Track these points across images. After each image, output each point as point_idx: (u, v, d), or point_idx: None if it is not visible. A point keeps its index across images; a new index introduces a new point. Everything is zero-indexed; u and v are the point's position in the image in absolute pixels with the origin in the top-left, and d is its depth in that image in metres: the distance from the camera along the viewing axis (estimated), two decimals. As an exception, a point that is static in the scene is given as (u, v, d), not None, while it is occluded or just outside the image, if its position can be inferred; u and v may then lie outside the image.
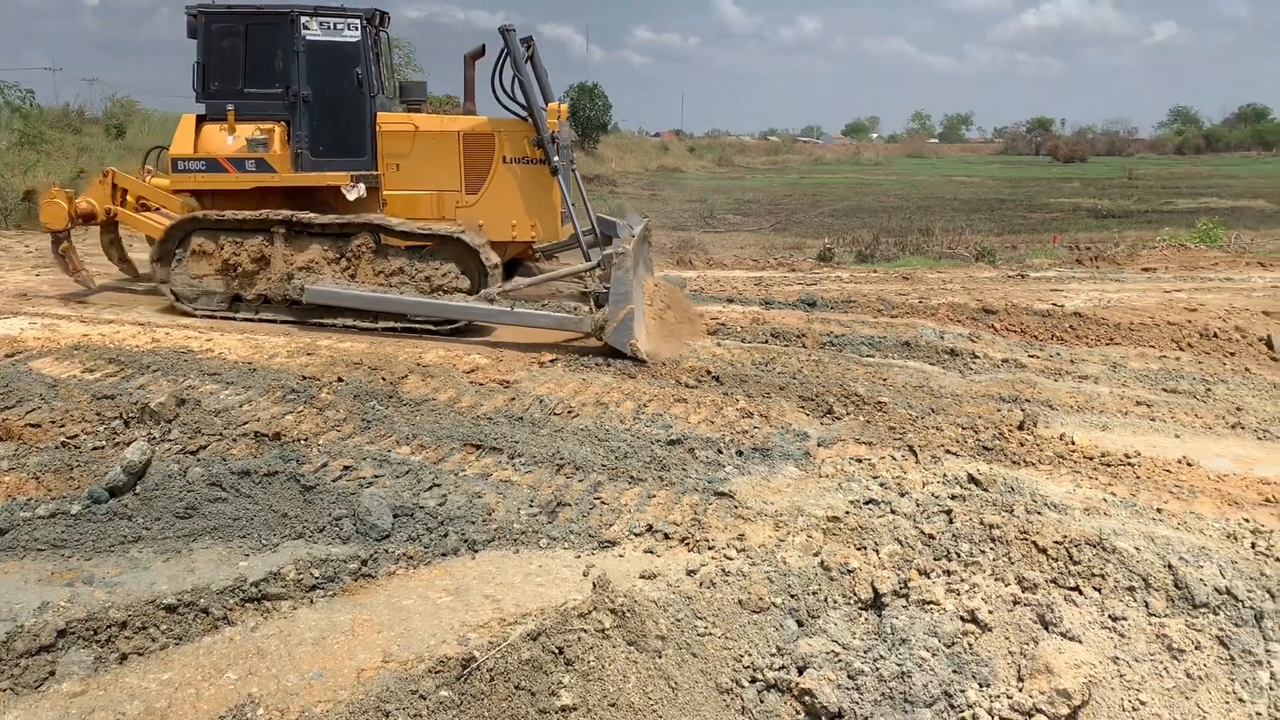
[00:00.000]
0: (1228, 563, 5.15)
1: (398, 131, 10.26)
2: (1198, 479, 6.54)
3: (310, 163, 10.11)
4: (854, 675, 4.13)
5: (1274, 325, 11.19)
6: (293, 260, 9.73)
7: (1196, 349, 10.58)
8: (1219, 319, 11.29)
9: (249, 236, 9.84)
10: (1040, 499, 5.90)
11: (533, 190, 10.19)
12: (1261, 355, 10.54)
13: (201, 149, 10.11)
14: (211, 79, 10.22)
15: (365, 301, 9.56)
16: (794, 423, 7.45)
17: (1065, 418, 7.94)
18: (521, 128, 10.10)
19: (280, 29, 9.97)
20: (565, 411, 7.39)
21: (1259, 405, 8.65)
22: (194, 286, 10.12)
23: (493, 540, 5.46)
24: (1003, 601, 4.48)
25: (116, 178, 11.25)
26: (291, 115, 10.06)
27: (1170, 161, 78.39)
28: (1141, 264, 16.79)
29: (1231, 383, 9.37)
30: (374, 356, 8.43)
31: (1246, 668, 4.44)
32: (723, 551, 5.27)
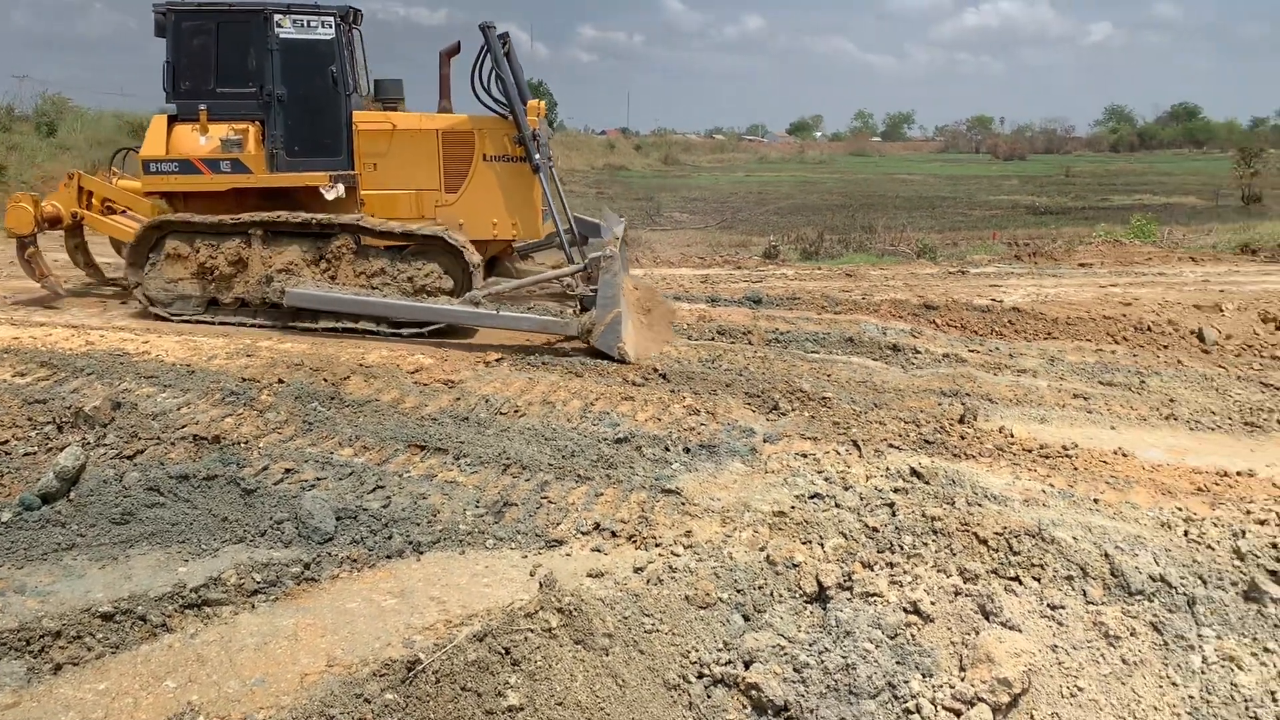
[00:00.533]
0: (1162, 551, 5.28)
1: (375, 130, 10.07)
2: (1133, 469, 6.69)
3: (286, 163, 9.85)
4: (800, 668, 4.16)
5: (1205, 318, 11.49)
6: (271, 262, 9.48)
7: (1131, 342, 10.83)
8: (1152, 313, 11.55)
9: (225, 239, 9.57)
10: (981, 491, 5.99)
11: (513, 189, 10.05)
12: (1193, 348, 10.82)
13: (173, 150, 9.81)
14: (182, 78, 9.92)
15: (347, 304, 9.33)
16: (740, 419, 7.49)
17: (1005, 411, 8.08)
18: (501, 125, 9.98)
19: (253, 27, 9.71)
20: (511, 411, 7.36)
21: (1191, 397, 8.88)
22: (169, 291, 9.81)
23: (438, 541, 5.41)
24: (945, 592, 4.55)
25: (82, 180, 10.91)
26: (266, 115, 9.81)
27: (1106, 159, 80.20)
28: (1078, 260, 17.14)
29: (1165, 375, 9.61)
30: (316, 358, 8.31)
31: (1180, 652, 4.55)
32: (670, 548, 5.28)
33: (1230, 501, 6.13)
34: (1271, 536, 5.41)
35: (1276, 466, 6.98)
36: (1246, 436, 7.96)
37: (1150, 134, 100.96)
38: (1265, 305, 11.78)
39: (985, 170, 64.62)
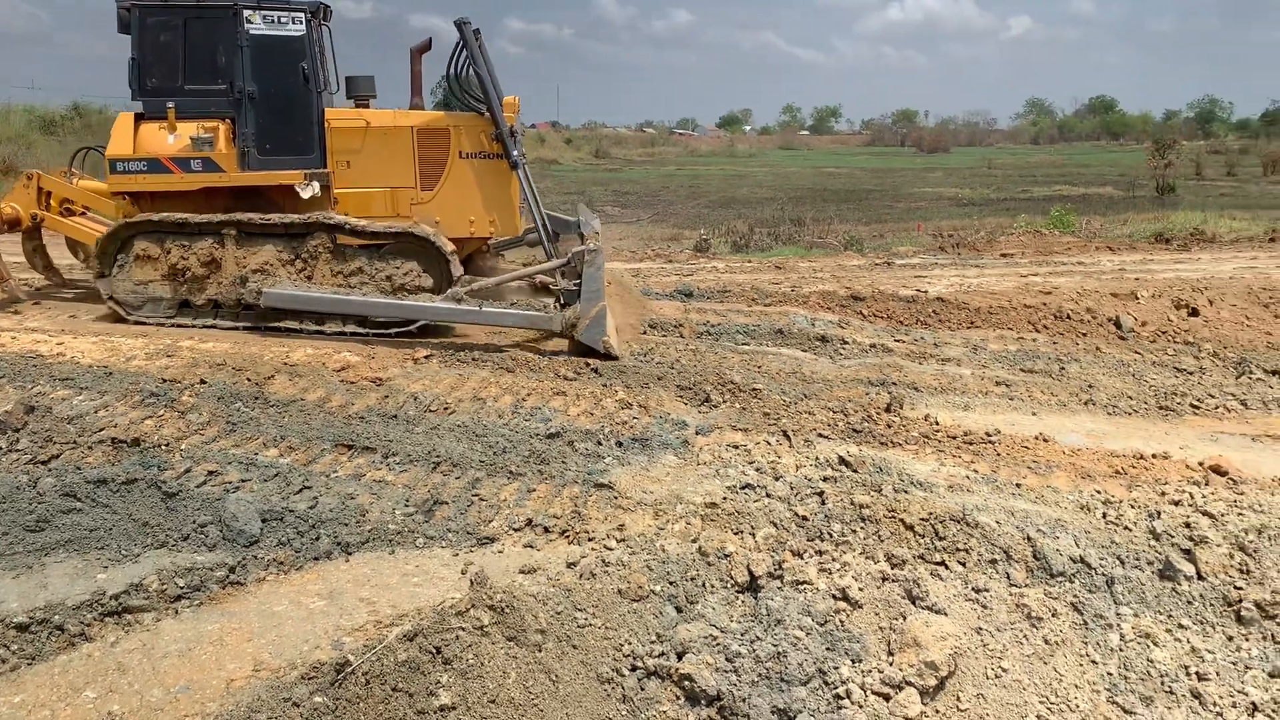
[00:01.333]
0: (1082, 533, 5.43)
1: (348, 128, 9.92)
2: (1054, 454, 6.87)
3: (258, 161, 9.64)
4: (732, 658, 4.19)
5: (1121, 306, 11.83)
6: (245, 263, 9.26)
7: (1051, 330, 11.11)
8: (1071, 301, 11.86)
9: (197, 239, 9.33)
10: (907, 478, 6.10)
11: (490, 185, 9.98)
12: (1110, 335, 11.13)
13: (141, 149, 9.46)
14: (148, 75, 9.64)
15: (327, 304, 9.16)
16: (672, 412, 7.52)
17: (930, 399, 8.23)
18: (477, 122, 9.89)
19: (223, 23, 9.49)
20: (441, 408, 7.29)
21: (1109, 382, 9.14)
22: (138, 293, 9.55)
23: (367, 542, 5.34)
24: (872, 579, 4.62)
25: (42, 181, 10.56)
26: (237, 112, 9.58)
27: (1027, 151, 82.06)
28: (1000, 250, 17.53)
29: (1084, 361, 9.87)
30: (238, 357, 8.15)
31: (1099, 631, 4.69)
32: (603, 542, 5.29)
33: (1146, 483, 6.33)
34: (1185, 516, 5.60)
35: (1190, 448, 7.22)
36: (1161, 420, 8.22)
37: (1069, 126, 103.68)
38: (1178, 292, 12.17)
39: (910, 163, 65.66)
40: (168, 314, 9.53)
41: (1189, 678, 4.49)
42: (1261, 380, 9.75)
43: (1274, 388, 9.56)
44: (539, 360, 8.52)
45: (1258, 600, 4.97)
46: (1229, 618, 4.95)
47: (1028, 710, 4.13)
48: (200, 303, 9.50)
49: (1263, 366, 10.07)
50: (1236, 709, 4.33)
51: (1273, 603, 4.96)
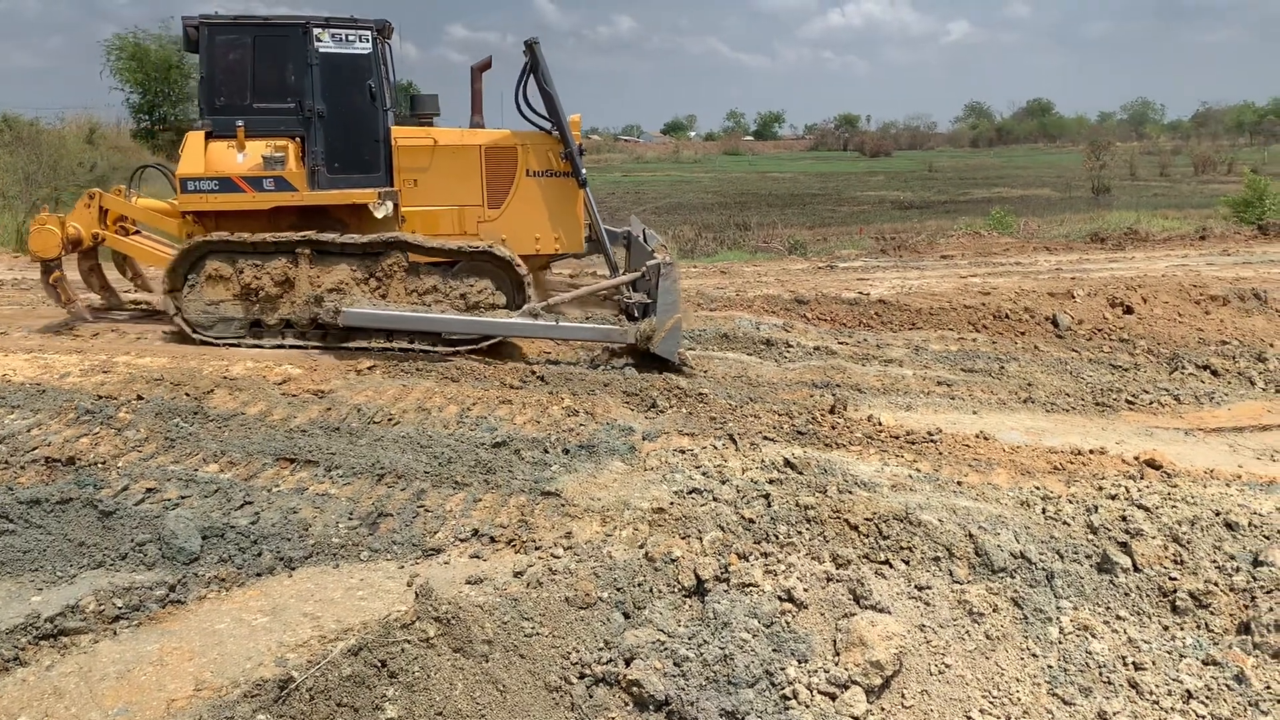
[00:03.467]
0: (1022, 529, 5.53)
1: (416, 146, 9.81)
2: (994, 452, 6.99)
3: (327, 180, 9.51)
4: (679, 662, 4.21)
5: (1059, 305, 12.08)
6: (319, 282, 9.13)
7: (990, 330, 11.31)
8: (1010, 301, 12.08)
9: (270, 258, 9.18)
10: (851, 478, 6.17)
11: (556, 203, 9.97)
12: (1048, 334, 11.36)
13: (211, 168, 9.28)
14: (217, 94, 9.52)
15: (406, 322, 9.06)
16: (619, 418, 7.52)
17: (873, 400, 8.33)
18: (544, 140, 9.88)
19: (292, 41, 9.38)
20: (385, 419, 7.22)
21: (1047, 380, 9.32)
22: (210, 314, 9.32)
23: (311, 556, 5.28)
24: (817, 579, 4.67)
25: (103, 200, 10.23)
26: (306, 131, 9.46)
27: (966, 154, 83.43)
28: (940, 252, 17.81)
29: (1022, 360, 10.07)
30: (176, 372, 7.99)
31: (1039, 625, 4.78)
32: (550, 551, 5.27)
33: (1084, 479, 6.46)
34: (1121, 510, 5.73)
35: (1126, 443, 7.40)
36: (1098, 416, 8.41)
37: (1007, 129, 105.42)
38: (1113, 291, 12.45)
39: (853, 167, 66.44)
40: (239, 334, 9.36)
41: (1126, 668, 4.59)
42: (1194, 375, 10.02)
43: (1205, 382, 9.83)
44: (484, 369, 8.48)
45: (1191, 590, 5.10)
46: (1164, 608, 5.08)
47: (971, 705, 4.20)
48: (272, 322, 9.37)
49: (1194, 362, 10.34)
50: (1172, 697, 4.44)
51: (1206, 592, 5.10)
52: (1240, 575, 5.20)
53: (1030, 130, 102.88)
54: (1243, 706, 4.38)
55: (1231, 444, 7.64)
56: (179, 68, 26.98)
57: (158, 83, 26.71)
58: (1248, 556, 5.33)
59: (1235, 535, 5.51)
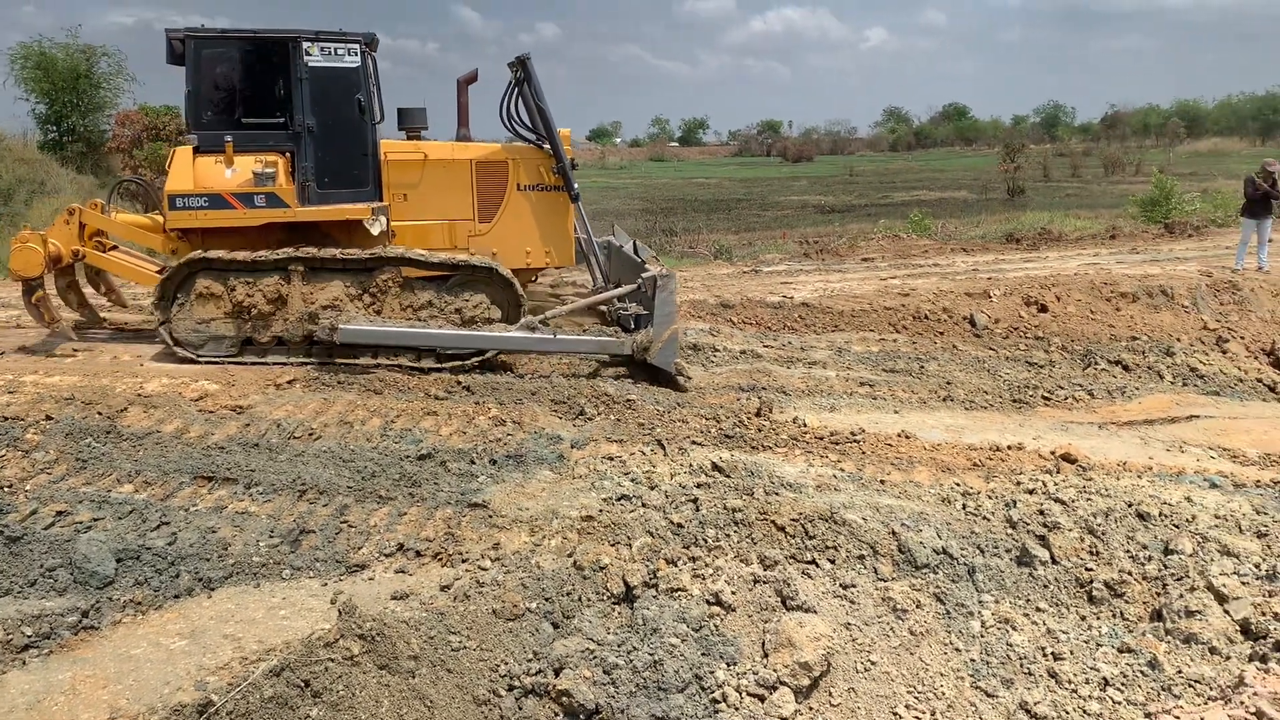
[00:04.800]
0: (943, 525, 5.64)
1: (406, 160, 9.72)
2: (915, 450, 7.11)
3: (317, 195, 9.30)
4: (609, 670, 4.20)
5: (976, 305, 12.35)
6: (313, 299, 8.93)
7: (910, 330, 11.51)
8: (929, 302, 12.32)
9: (263, 276, 8.96)
10: (778, 480, 6.22)
11: (546, 217, 9.94)
12: (966, 333, 11.61)
13: (200, 184, 9.04)
14: (204, 109, 9.26)
15: (404, 338, 8.87)
16: (547, 426, 7.48)
17: (798, 402, 8.42)
18: (535, 155, 9.82)
19: (281, 56, 9.18)
20: (306, 434, 7.08)
21: (965, 378, 9.52)
22: (200, 332, 9.08)
23: (230, 576, 5.16)
24: (744, 581, 4.69)
25: (84, 216, 9.89)
26: (296, 146, 9.24)
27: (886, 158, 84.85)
28: (861, 255, 18.08)
29: (941, 359, 10.27)
30: (87, 390, 7.75)
31: (961, 619, 4.87)
32: (477, 563, 5.23)
33: (1002, 474, 6.61)
34: (1039, 504, 5.87)
35: (1042, 438, 7.58)
36: (1015, 412, 8.61)
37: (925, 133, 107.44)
38: (1028, 290, 12.77)
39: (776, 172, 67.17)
40: (230, 352, 9.11)
41: (1046, 658, 4.70)
42: (1106, 370, 10.33)
43: (1117, 377, 10.13)
44: (408, 380, 8.37)
45: (1107, 580, 5.24)
46: (1081, 598, 5.21)
47: (896, 701, 4.26)
48: (264, 340, 9.14)
49: (1106, 357, 10.66)
50: (1089, 685, 4.55)
51: (1120, 581, 5.25)
52: (1152, 564, 5.36)
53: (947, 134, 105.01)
54: (1156, 691, 4.51)
55: (1143, 436, 7.88)
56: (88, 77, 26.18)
57: (65, 93, 25.85)
58: (1159, 545, 5.50)
59: (1147, 525, 5.69)
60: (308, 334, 8.90)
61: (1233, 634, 4.95)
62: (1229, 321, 12.66)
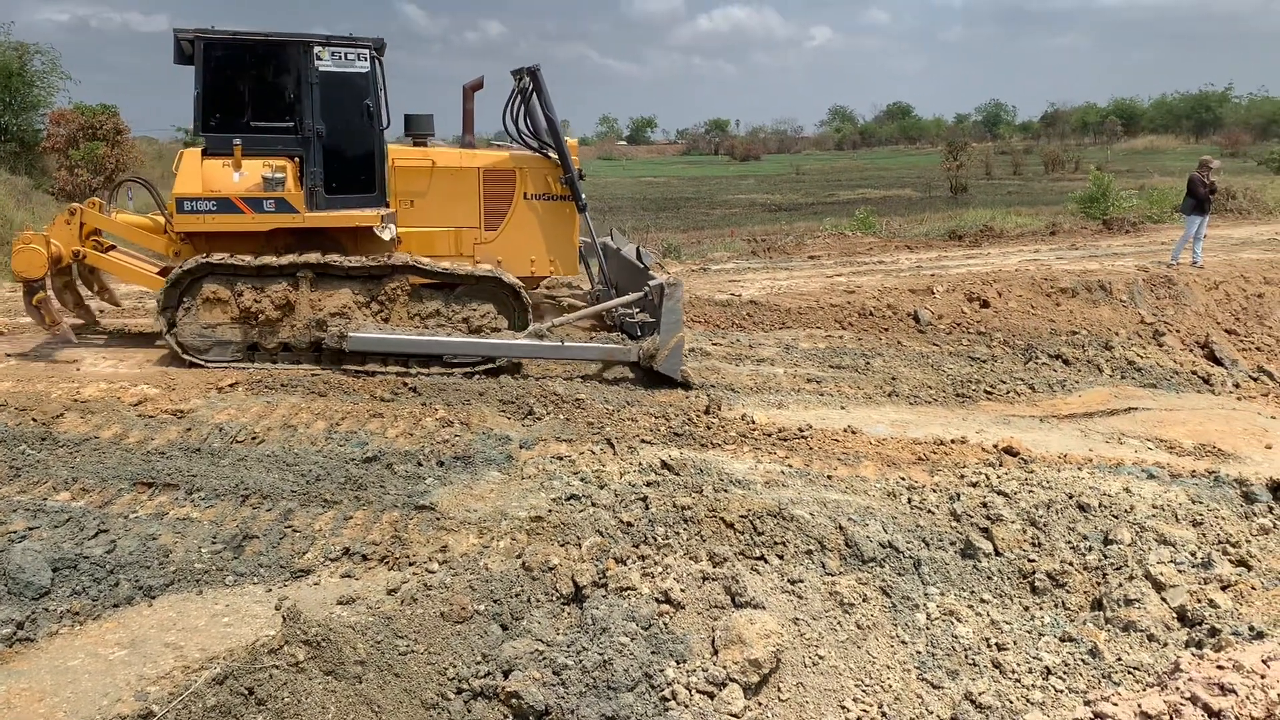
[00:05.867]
0: (889, 519, 5.70)
1: (413, 167, 9.60)
2: (862, 445, 7.18)
3: (324, 201, 9.15)
4: (559, 671, 4.18)
5: (919, 301, 12.50)
6: (321, 306, 8.86)
7: (856, 327, 11.62)
8: (874, 299, 12.44)
9: (270, 282, 8.83)
10: (727, 477, 6.26)
11: (552, 227, 9.89)
12: (910, 329, 11.75)
13: (208, 187, 8.86)
14: (213, 111, 9.07)
15: (414, 345, 8.86)
16: (495, 427, 7.45)
17: (746, 399, 8.47)
18: (542, 164, 9.76)
19: (292, 59, 9.02)
20: (249, 438, 6.97)
21: (910, 374, 9.64)
22: (205, 337, 8.93)
23: (172, 584, 5.06)
24: (693, 579, 4.70)
25: (85, 216, 9.65)
26: (304, 151, 9.08)
27: (832, 157, 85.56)
28: (808, 252, 18.20)
29: (886, 355, 10.38)
30: (21, 396, 7.55)
31: (907, 612, 4.93)
32: (424, 566, 5.19)
33: (946, 468, 6.71)
34: (982, 497, 5.97)
35: (985, 432, 7.70)
36: (959, 407, 8.74)
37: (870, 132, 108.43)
38: (970, 286, 12.96)
39: (724, 171, 67.40)
40: (235, 357, 8.98)
41: (990, 649, 4.78)
42: (1046, 364, 10.52)
43: (1058, 371, 10.33)
44: (353, 383, 8.28)
45: (1049, 570, 5.34)
46: (1024, 589, 5.31)
47: (844, 694, 4.30)
48: (270, 346, 9.00)
49: (1046, 351, 10.86)
50: (1032, 674, 4.63)
51: (1062, 572, 5.35)
52: (1093, 554, 5.48)
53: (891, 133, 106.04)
54: (1097, 679, 4.61)
55: (1083, 429, 8.03)
56: (20, 75, 25.48)
57: (-3, 91, 25.18)
58: (1099, 536, 5.62)
59: (1087, 516, 5.81)
60: (315, 340, 8.87)
61: (1170, 621, 5.07)
62: (1165, 316, 12.95)
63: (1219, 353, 12.21)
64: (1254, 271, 14.66)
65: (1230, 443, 7.69)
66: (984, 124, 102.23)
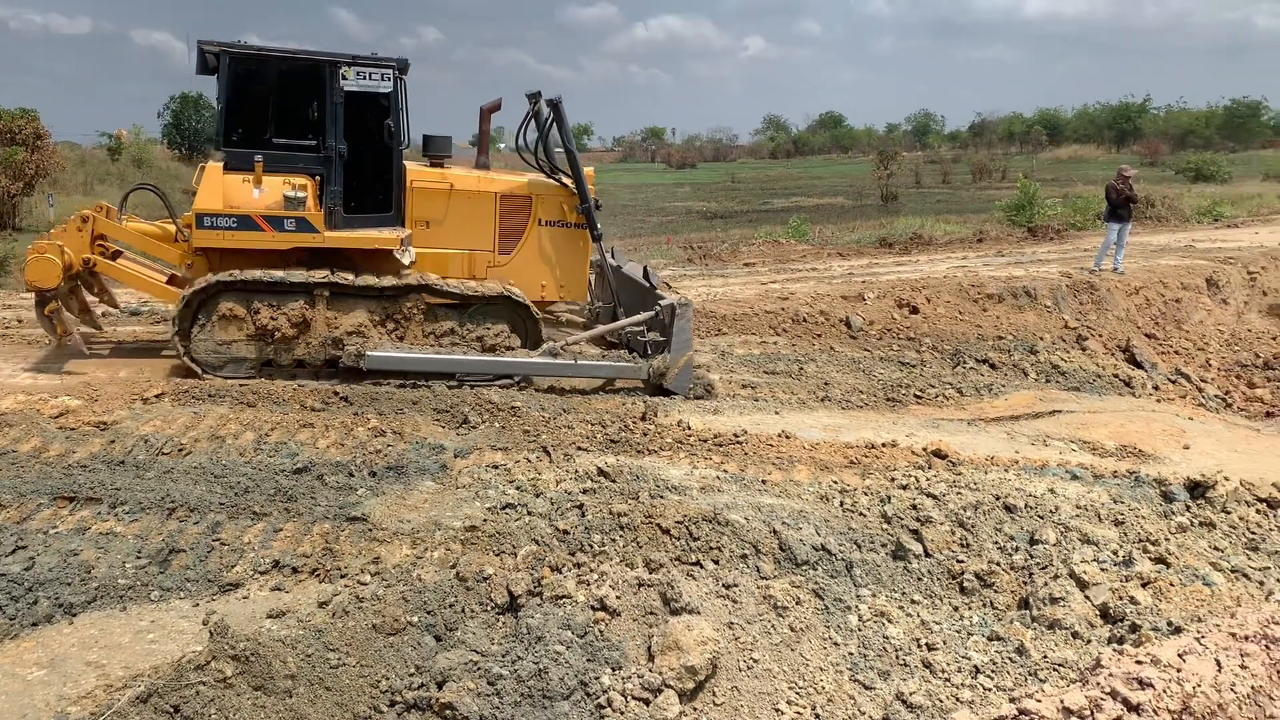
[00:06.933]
0: (822, 522, 5.77)
1: (432, 189, 9.55)
2: (795, 449, 7.26)
3: (343, 220, 9.05)
4: (493, 681, 4.16)
5: (851, 308, 12.68)
6: (337, 324, 8.80)
7: (790, 333, 11.75)
8: (807, 305, 12.59)
9: (287, 299, 8.72)
10: (663, 483, 6.28)
11: (564, 252, 9.90)
12: (842, 334, 11.91)
13: (228, 203, 8.69)
14: (235, 127, 8.97)
15: (430, 364, 8.83)
16: (429, 436, 7.37)
17: (682, 405, 8.51)
18: (559, 192, 9.76)
19: (318, 78, 8.93)
20: (176, 450, 6.81)
21: (842, 379, 9.77)
22: (220, 354, 8.79)
23: (94, 601, 4.93)
24: (629, 585, 4.71)
25: (98, 224, 9.34)
26: (326, 169, 8.97)
27: (766, 165, 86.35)
28: (743, 260, 18.38)
29: (819, 360, 10.51)
30: (-65, 409, 7.30)
31: (839, 614, 4.99)
32: (357, 578, 5.12)
33: (878, 471, 6.80)
34: (912, 499, 6.07)
35: (915, 435, 7.83)
36: (889, 411, 8.88)
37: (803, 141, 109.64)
38: (900, 292, 13.18)
39: (661, 178, 67.73)
40: (250, 374, 8.82)
41: (920, 649, 4.86)
42: (974, 369, 10.74)
43: (985, 375, 10.55)
44: (282, 392, 8.13)
45: (977, 571, 5.45)
46: (954, 589, 5.41)
47: (778, 697, 4.34)
48: (285, 362, 8.89)
49: (974, 356, 11.09)
50: (962, 673, 4.72)
51: (990, 572, 5.46)
52: (1019, 554, 5.60)
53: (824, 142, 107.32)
54: (1024, 676, 4.71)
55: (1009, 431, 8.21)
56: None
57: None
58: (1025, 536, 5.75)
59: (1014, 517, 5.94)
60: (330, 357, 8.85)
61: (1093, 618, 5.21)
62: (1088, 320, 13.32)
63: (1139, 356, 12.59)
64: (1172, 277, 15.14)
65: (1150, 444, 7.91)
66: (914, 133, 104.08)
